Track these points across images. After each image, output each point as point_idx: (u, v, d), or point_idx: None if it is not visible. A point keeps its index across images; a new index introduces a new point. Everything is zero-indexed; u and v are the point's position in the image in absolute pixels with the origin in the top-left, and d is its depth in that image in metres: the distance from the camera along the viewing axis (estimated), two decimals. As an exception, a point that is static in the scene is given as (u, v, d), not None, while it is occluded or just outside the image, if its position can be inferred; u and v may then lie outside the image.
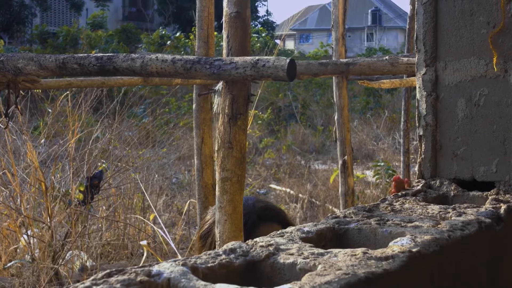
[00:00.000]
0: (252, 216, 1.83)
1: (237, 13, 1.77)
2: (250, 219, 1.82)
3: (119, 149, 7.09)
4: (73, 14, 31.12)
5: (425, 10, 1.44)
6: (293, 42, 43.73)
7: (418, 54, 1.46)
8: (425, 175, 1.45)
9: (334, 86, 3.94)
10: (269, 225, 1.80)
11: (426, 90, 1.44)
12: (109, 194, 6.05)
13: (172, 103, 12.02)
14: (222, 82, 1.78)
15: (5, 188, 5.07)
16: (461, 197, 1.36)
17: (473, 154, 1.40)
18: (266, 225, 1.80)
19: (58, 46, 18.43)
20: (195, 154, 3.24)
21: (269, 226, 1.80)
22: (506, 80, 1.36)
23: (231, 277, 0.83)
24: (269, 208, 1.91)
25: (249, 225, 1.80)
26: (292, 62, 1.66)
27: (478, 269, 1.10)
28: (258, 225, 1.81)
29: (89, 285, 0.72)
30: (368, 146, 12.06)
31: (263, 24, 31.46)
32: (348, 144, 3.95)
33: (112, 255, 5.49)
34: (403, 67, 3.39)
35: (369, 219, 1.09)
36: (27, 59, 2.13)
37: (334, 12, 4.01)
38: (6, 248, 4.79)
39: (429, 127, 1.44)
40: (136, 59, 1.90)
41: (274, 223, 1.81)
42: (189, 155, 9.22)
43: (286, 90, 15.42)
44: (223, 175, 1.76)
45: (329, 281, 0.75)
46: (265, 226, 1.80)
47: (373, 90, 15.28)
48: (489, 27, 1.38)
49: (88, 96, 6.36)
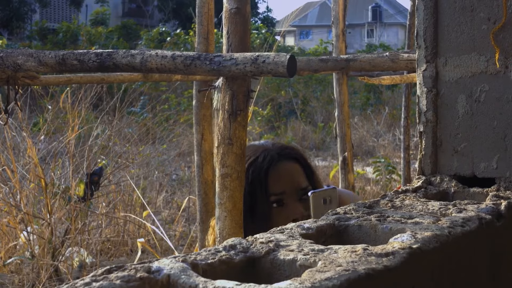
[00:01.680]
0: (271, 152, 1.80)
1: (237, 9, 1.77)
2: (269, 155, 1.79)
3: (119, 145, 7.10)
4: (73, 10, 31.11)
5: (425, 6, 1.44)
6: (293, 39, 43.72)
7: (418, 50, 1.45)
8: (425, 171, 1.44)
9: (334, 82, 3.94)
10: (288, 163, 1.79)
11: (426, 86, 1.44)
12: (109, 191, 6.06)
13: (172, 99, 12.01)
14: (222, 78, 1.77)
15: (5, 185, 5.07)
16: (461, 194, 1.35)
17: (474, 150, 1.40)
18: (285, 162, 1.79)
19: (58, 42, 18.42)
20: (195, 151, 3.23)
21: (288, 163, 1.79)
22: (506, 76, 1.36)
23: (231, 274, 0.83)
24: (289, 147, 1.89)
25: (267, 161, 1.76)
26: (292, 58, 1.66)
27: (479, 266, 1.10)
28: (277, 162, 1.78)
29: (89, 282, 0.72)
30: (368, 143, 12.07)
31: (263, 21, 31.45)
32: (348, 140, 3.95)
33: (112, 252, 5.50)
34: (403, 63, 3.38)
35: (369, 216, 1.09)
36: (26, 55, 2.12)
37: (334, 8, 4.00)
38: (6, 245, 4.80)
39: (430, 123, 1.44)
40: (136, 55, 1.90)
41: (292, 161, 1.80)
42: (189, 152, 9.22)
43: (286, 87, 15.41)
44: (223, 172, 1.76)
45: (329, 277, 0.75)
46: (284, 163, 1.79)
47: (373, 87, 15.28)
48: (489, 23, 1.37)
49: (88, 92, 6.36)
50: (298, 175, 1.78)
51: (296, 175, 1.78)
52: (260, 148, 1.82)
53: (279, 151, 1.82)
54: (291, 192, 1.75)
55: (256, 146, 1.86)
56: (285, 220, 1.71)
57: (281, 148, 1.84)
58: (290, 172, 1.78)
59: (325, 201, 1.58)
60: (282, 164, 1.78)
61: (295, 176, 1.78)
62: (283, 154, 1.81)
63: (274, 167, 1.77)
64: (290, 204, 1.74)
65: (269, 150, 1.81)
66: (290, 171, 1.79)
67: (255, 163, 1.78)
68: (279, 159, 1.79)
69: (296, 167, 1.80)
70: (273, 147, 1.83)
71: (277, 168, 1.77)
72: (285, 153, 1.82)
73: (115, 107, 6.95)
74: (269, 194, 1.75)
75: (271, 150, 1.81)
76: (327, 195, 1.59)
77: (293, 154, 1.84)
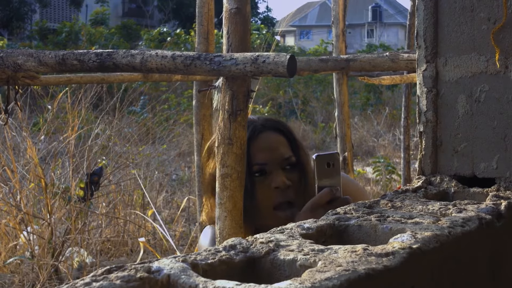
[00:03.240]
0: (255, 123, 1.83)
1: (237, 9, 1.77)
2: (252, 125, 1.81)
3: (119, 145, 7.09)
4: (73, 10, 31.11)
5: (425, 6, 1.44)
6: (293, 39, 43.73)
7: (418, 50, 1.45)
8: (425, 171, 1.44)
9: (334, 82, 3.94)
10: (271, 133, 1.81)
11: (426, 86, 1.44)
12: (109, 191, 6.05)
13: (172, 99, 12.01)
14: (222, 78, 1.78)
15: (5, 185, 5.07)
16: (461, 194, 1.35)
17: (474, 151, 1.40)
18: (268, 132, 1.81)
19: (58, 43, 18.41)
20: (195, 151, 3.23)
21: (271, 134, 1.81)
22: (507, 76, 1.36)
23: (231, 274, 0.83)
24: (274, 120, 1.91)
25: (250, 131, 1.79)
26: (292, 58, 1.66)
27: (479, 266, 1.10)
28: (260, 132, 1.80)
29: (89, 282, 0.72)
30: (368, 143, 12.06)
31: (263, 21, 31.44)
32: (349, 140, 3.95)
33: (112, 252, 5.49)
34: (403, 63, 3.39)
35: (369, 216, 1.09)
36: (26, 55, 2.12)
37: (334, 8, 4.00)
38: (6, 245, 4.79)
39: (430, 123, 1.44)
40: (136, 55, 1.90)
41: (276, 132, 1.82)
42: (189, 152, 9.21)
43: (286, 87, 15.40)
44: (223, 172, 1.76)
45: (329, 277, 0.75)
46: (267, 133, 1.81)
47: (373, 87, 15.26)
48: (489, 23, 1.37)
49: (88, 92, 6.35)
50: (281, 146, 1.79)
51: (279, 146, 1.79)
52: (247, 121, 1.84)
53: (263, 122, 1.84)
54: (273, 162, 1.77)
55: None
56: (267, 189, 1.75)
57: (265, 119, 1.87)
58: (272, 142, 1.80)
59: (329, 164, 1.61)
60: (265, 134, 1.81)
61: (278, 146, 1.79)
62: (266, 125, 1.83)
63: (256, 137, 1.79)
64: (272, 173, 1.76)
65: (253, 121, 1.84)
66: (272, 141, 1.80)
67: None
68: (262, 130, 1.81)
69: (280, 138, 1.82)
70: (258, 119, 1.86)
71: (260, 138, 1.80)
72: (269, 124, 1.84)
73: (115, 107, 6.95)
74: (252, 164, 1.77)
75: (255, 121, 1.84)
76: (330, 158, 1.62)
77: (276, 125, 1.85)
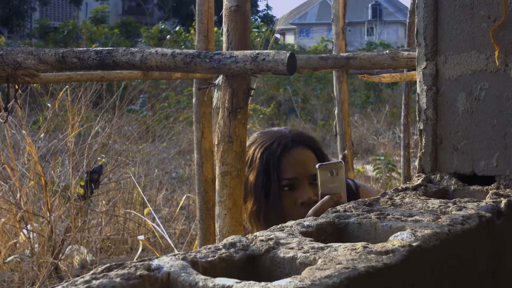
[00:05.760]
0: (286, 139, 1.85)
1: (237, 7, 1.77)
2: (284, 141, 1.84)
3: (119, 143, 7.09)
4: (73, 8, 31.08)
5: (425, 4, 1.44)
6: (293, 37, 43.68)
7: (418, 48, 1.45)
8: (425, 169, 1.44)
9: (334, 80, 3.94)
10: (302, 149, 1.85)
11: (426, 84, 1.44)
12: (108, 189, 6.06)
13: (172, 97, 12.00)
14: (222, 76, 1.77)
15: (5, 183, 5.06)
16: (461, 191, 1.35)
17: (474, 148, 1.40)
18: (298, 148, 1.84)
19: (59, 41, 18.40)
20: (195, 149, 3.23)
21: (301, 150, 1.85)
22: (506, 74, 1.35)
23: (231, 271, 0.83)
24: (304, 135, 1.94)
25: (281, 146, 1.82)
26: (292, 56, 1.66)
27: (479, 263, 1.10)
28: (291, 148, 1.83)
29: (89, 279, 0.72)
30: (368, 141, 12.07)
31: (263, 18, 31.41)
32: (348, 138, 3.95)
33: (112, 250, 5.50)
34: (403, 61, 3.38)
35: (369, 213, 1.09)
36: (26, 53, 2.12)
37: (334, 6, 4.00)
38: (6, 243, 4.80)
39: (430, 121, 1.44)
40: (136, 53, 1.89)
41: (306, 148, 1.86)
42: (189, 150, 9.21)
43: (286, 85, 15.40)
44: (223, 169, 1.76)
45: (329, 275, 0.75)
46: (297, 149, 1.84)
47: (373, 84, 15.26)
48: (489, 21, 1.37)
49: (88, 90, 6.35)
50: (310, 162, 1.83)
51: (309, 162, 1.83)
52: (277, 134, 1.88)
53: (293, 137, 1.87)
54: (302, 177, 1.81)
55: (273, 132, 1.92)
56: (293, 203, 1.79)
57: (296, 135, 1.90)
58: (302, 158, 1.84)
59: (332, 173, 1.64)
60: (296, 151, 1.84)
61: (308, 162, 1.83)
62: (297, 140, 1.86)
63: (287, 153, 1.82)
64: (300, 188, 1.80)
65: (285, 136, 1.87)
66: (302, 157, 1.84)
67: (270, 148, 1.83)
68: (293, 146, 1.84)
69: (309, 154, 1.86)
70: (289, 133, 1.89)
71: (290, 154, 1.83)
72: (299, 140, 1.87)
73: (115, 105, 6.95)
74: (281, 178, 1.80)
75: (286, 136, 1.86)
76: (333, 167, 1.65)
77: (307, 141, 1.89)
